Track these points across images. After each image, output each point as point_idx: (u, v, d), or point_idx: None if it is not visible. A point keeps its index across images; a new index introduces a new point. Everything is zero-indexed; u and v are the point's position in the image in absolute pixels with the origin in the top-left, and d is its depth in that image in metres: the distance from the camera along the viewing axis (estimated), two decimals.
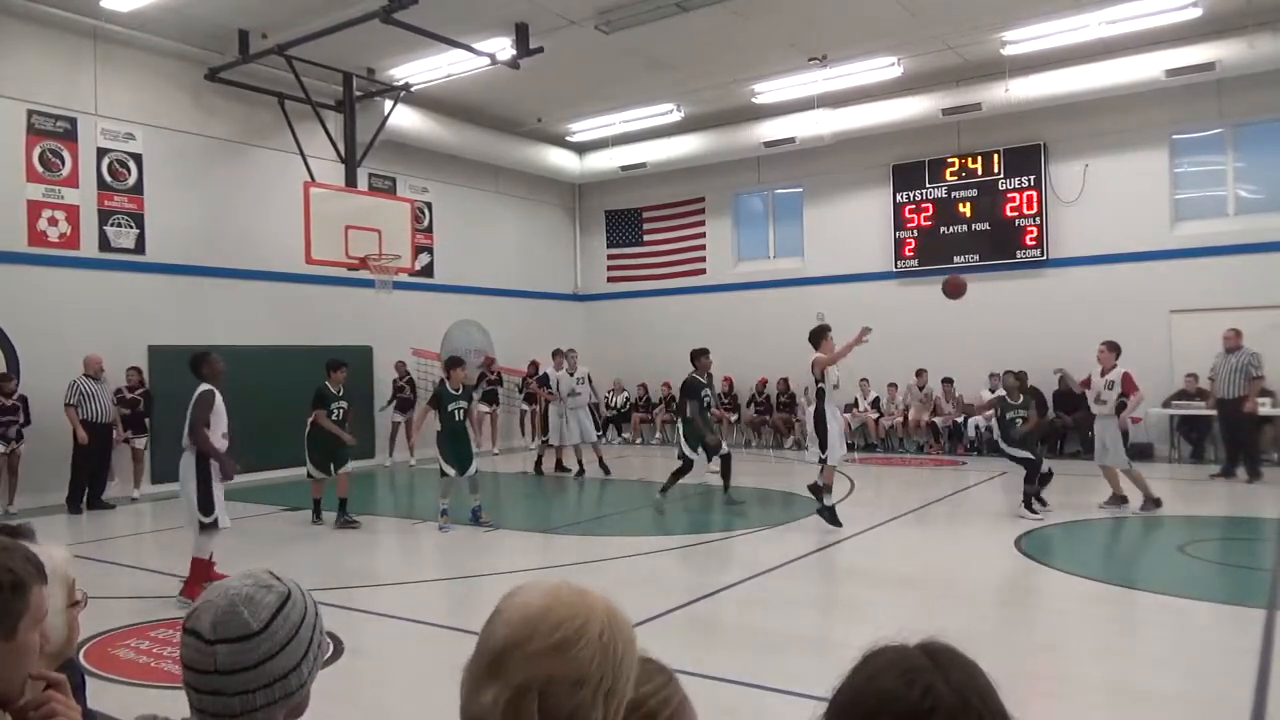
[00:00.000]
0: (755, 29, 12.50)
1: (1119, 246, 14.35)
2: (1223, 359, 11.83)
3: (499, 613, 1.17)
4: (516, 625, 1.13)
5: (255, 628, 1.30)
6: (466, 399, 9.84)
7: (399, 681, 4.89)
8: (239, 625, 1.30)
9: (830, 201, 17.20)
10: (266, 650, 1.30)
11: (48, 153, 11.57)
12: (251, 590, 1.33)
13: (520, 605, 1.16)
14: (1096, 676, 4.78)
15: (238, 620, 1.30)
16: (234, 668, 1.29)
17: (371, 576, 7.62)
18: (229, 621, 1.30)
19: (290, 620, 1.34)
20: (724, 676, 4.84)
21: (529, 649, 1.11)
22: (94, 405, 10.91)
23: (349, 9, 11.18)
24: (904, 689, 0.92)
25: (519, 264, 18.55)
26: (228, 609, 1.31)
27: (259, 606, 1.32)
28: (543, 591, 1.18)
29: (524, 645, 1.11)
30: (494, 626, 1.15)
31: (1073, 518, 9.18)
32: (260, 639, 1.30)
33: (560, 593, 1.18)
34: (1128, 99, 13.82)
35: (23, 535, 1.94)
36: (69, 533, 9.51)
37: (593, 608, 1.18)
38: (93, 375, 11.02)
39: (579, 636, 1.13)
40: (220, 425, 6.68)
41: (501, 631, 1.14)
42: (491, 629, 1.15)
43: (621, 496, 11.97)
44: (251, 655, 1.29)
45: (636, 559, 7.85)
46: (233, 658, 1.29)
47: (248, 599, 1.32)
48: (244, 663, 1.29)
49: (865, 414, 16.09)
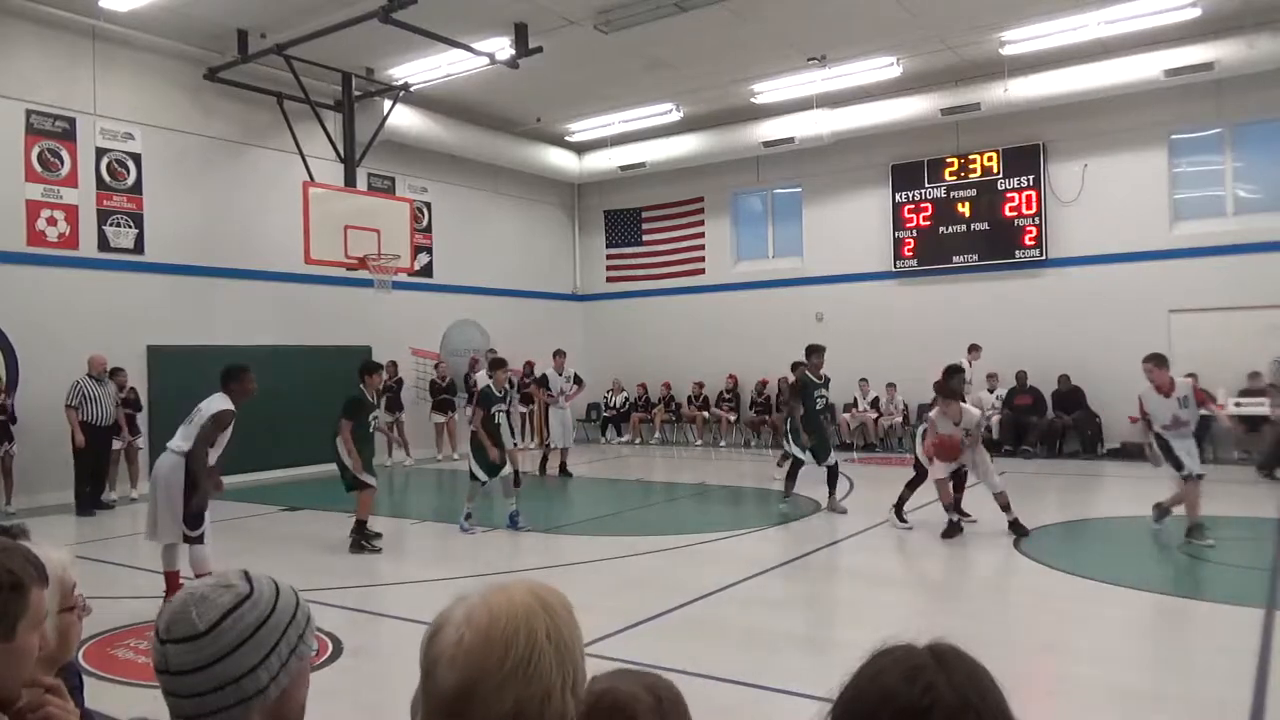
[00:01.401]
0: (755, 29, 12.50)
1: (1118, 246, 14.35)
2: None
3: (435, 660, 1.07)
4: (463, 666, 1.05)
5: (201, 628, 1.26)
6: (507, 400, 9.46)
7: (399, 681, 4.88)
8: (186, 626, 1.26)
9: (829, 201, 17.21)
10: (213, 652, 1.25)
11: (47, 152, 11.56)
12: (207, 590, 1.30)
13: (454, 643, 1.07)
14: (1096, 676, 4.78)
15: (186, 621, 1.27)
16: (182, 669, 1.25)
17: (371, 576, 7.62)
18: (179, 622, 1.27)
19: (244, 622, 1.28)
20: (723, 676, 4.84)
21: (486, 687, 1.04)
22: (95, 407, 10.78)
23: (348, 9, 11.17)
24: (905, 686, 0.93)
25: (518, 264, 18.54)
26: (180, 609, 1.28)
27: (210, 607, 1.28)
28: (468, 618, 1.08)
29: (480, 684, 1.04)
30: (437, 675, 1.06)
31: (1073, 518, 9.16)
32: (205, 640, 1.26)
33: (491, 608, 1.09)
34: (1127, 99, 13.83)
35: (17, 536, 1.92)
36: (68, 533, 9.50)
37: (528, 609, 1.10)
38: (96, 376, 10.89)
39: (530, 650, 1.07)
40: (222, 442, 6.46)
41: (450, 678, 1.05)
42: (435, 679, 1.06)
43: (622, 497, 11.97)
44: (198, 656, 1.25)
45: (636, 559, 7.84)
46: (180, 658, 1.25)
47: (200, 599, 1.28)
48: (191, 664, 1.25)
49: (865, 414, 16.10)
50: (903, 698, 0.92)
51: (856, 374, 16.09)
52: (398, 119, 14.49)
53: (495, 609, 1.09)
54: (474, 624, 1.08)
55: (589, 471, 13.41)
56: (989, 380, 14.99)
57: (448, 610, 1.12)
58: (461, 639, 1.06)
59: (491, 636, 1.06)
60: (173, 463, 6.34)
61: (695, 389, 17.75)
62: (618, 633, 5.54)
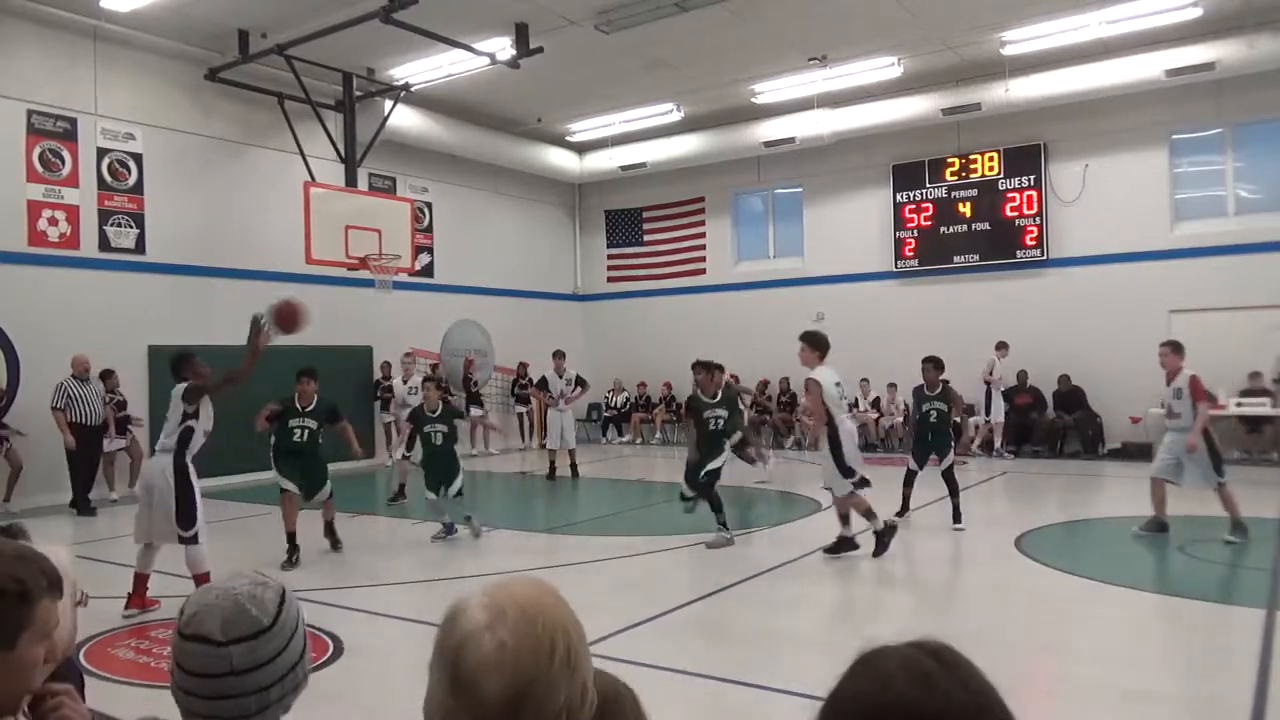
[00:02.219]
0: (755, 29, 12.50)
1: (1119, 246, 14.35)
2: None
3: (477, 670, 1.02)
4: (513, 670, 1.01)
5: (266, 623, 1.30)
6: (444, 420, 8.81)
7: (399, 681, 4.88)
8: (250, 623, 1.29)
9: (830, 201, 17.21)
10: (278, 644, 1.31)
11: (48, 153, 11.57)
12: (251, 588, 1.33)
13: (495, 649, 1.02)
14: (1096, 676, 4.78)
15: (248, 618, 1.29)
16: (250, 665, 1.28)
17: (371, 576, 7.62)
18: (239, 621, 1.29)
19: (292, 611, 1.35)
20: (724, 676, 4.84)
21: (540, 687, 1.02)
22: (83, 407, 10.68)
23: (349, 9, 11.18)
24: (922, 694, 0.91)
25: (519, 264, 18.54)
26: (235, 609, 1.30)
27: (264, 602, 1.32)
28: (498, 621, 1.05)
29: (534, 685, 1.02)
30: (483, 685, 1.01)
31: (1074, 518, 9.15)
32: (273, 633, 1.31)
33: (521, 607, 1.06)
34: (1127, 99, 13.82)
35: (16, 535, 1.92)
36: (65, 533, 9.50)
37: (546, 603, 1.08)
38: (80, 376, 10.79)
39: (568, 643, 1.05)
40: (207, 419, 6.46)
41: (497, 685, 1.01)
42: (479, 689, 1.01)
43: (622, 497, 11.96)
44: (266, 650, 1.30)
45: (636, 559, 7.85)
46: (248, 656, 1.28)
47: (251, 597, 1.32)
48: (260, 659, 1.29)
49: (865, 414, 16.08)
50: (921, 705, 0.91)
51: (857, 374, 16.06)
52: (398, 119, 14.50)
53: (525, 608, 1.06)
54: (511, 627, 1.04)
55: (590, 471, 13.41)
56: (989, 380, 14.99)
57: (465, 617, 1.07)
58: (504, 644, 1.03)
59: (536, 635, 1.04)
60: (163, 464, 6.30)
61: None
62: (618, 633, 5.54)
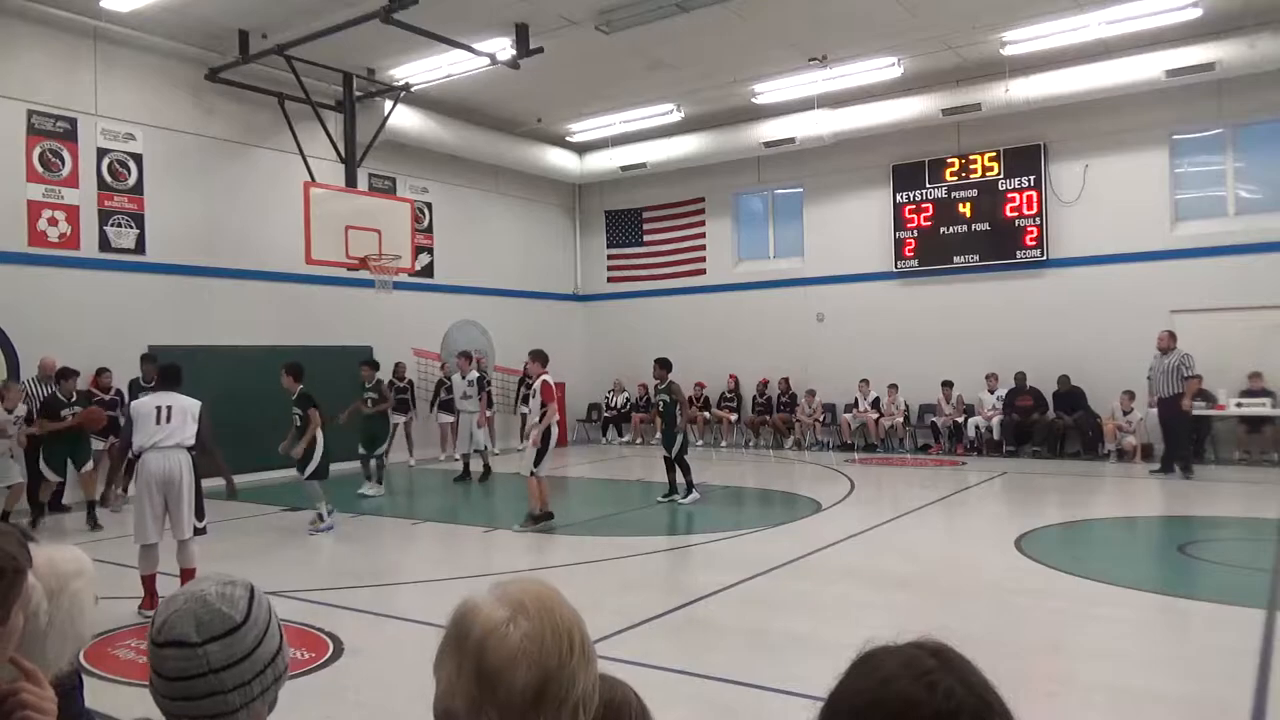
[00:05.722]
0: (755, 29, 12.50)
1: (1119, 247, 14.35)
2: (1158, 360, 11.98)
3: (504, 663, 1.05)
4: (539, 662, 1.04)
5: (239, 619, 1.33)
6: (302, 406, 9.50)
7: (399, 681, 4.88)
8: (223, 620, 1.32)
9: (830, 202, 17.20)
10: (254, 638, 1.33)
11: (48, 153, 11.56)
12: (219, 588, 1.36)
13: (519, 641, 1.06)
14: (1096, 676, 4.78)
15: (220, 616, 1.32)
16: (228, 662, 1.30)
17: (372, 577, 7.62)
18: (212, 620, 1.31)
19: (263, 605, 1.38)
20: (724, 676, 4.84)
21: (562, 677, 1.05)
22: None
23: (349, 9, 11.18)
24: (923, 693, 0.91)
25: (519, 264, 18.54)
26: (205, 609, 1.32)
27: (234, 599, 1.35)
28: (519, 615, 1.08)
29: (557, 674, 1.05)
30: (512, 678, 1.04)
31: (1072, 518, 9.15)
32: (246, 628, 1.33)
33: (539, 601, 1.09)
34: (1128, 99, 13.82)
35: (26, 536, 1.93)
36: (66, 534, 9.51)
37: (556, 597, 1.12)
38: (44, 379, 10.63)
39: (584, 635, 1.10)
40: None
41: (526, 677, 1.04)
42: (508, 682, 1.04)
43: (623, 497, 11.96)
44: (242, 646, 1.32)
45: (636, 559, 7.85)
46: (225, 652, 1.30)
47: (220, 595, 1.34)
48: (236, 655, 1.31)
49: (865, 414, 16.09)
50: (927, 706, 0.91)
51: (857, 374, 16.10)
52: (399, 119, 14.50)
53: (542, 602, 1.09)
54: (534, 620, 1.07)
55: (590, 472, 13.40)
56: (988, 381, 14.99)
57: (482, 614, 1.09)
58: (528, 635, 1.06)
59: (556, 627, 1.07)
60: (182, 459, 6.49)
61: (696, 389, 17.74)
62: (618, 633, 5.54)
